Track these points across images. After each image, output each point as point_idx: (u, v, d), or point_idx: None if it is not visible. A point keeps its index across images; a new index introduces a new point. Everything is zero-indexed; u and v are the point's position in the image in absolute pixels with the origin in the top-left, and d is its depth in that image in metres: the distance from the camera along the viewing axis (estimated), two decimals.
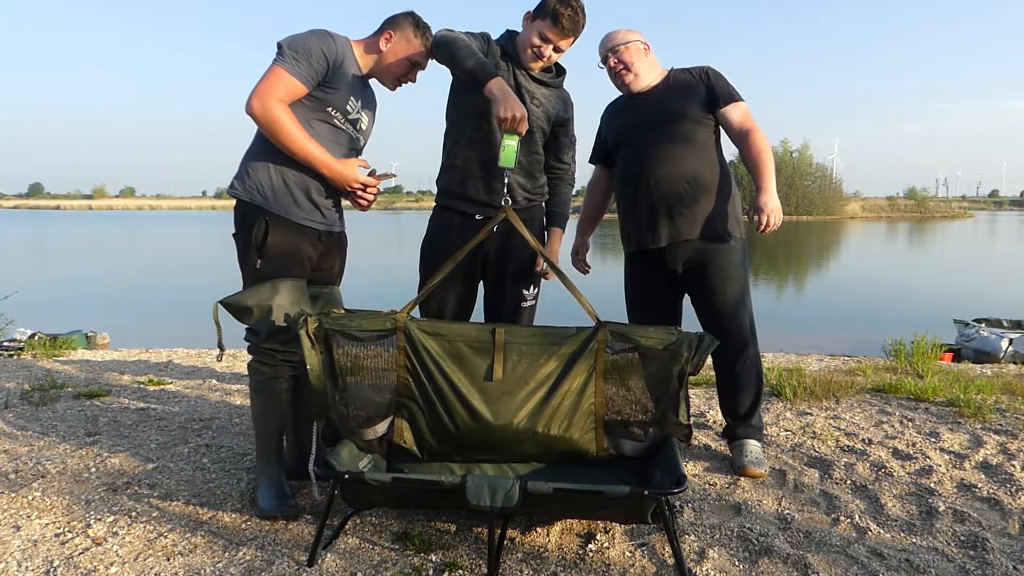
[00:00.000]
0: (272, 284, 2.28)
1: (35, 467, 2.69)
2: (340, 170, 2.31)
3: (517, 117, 2.28)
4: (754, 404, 2.85)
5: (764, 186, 2.69)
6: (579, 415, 2.23)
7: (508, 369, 2.21)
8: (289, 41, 2.24)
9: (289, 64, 2.21)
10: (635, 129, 2.83)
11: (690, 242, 2.76)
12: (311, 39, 2.25)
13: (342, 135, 2.38)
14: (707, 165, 2.77)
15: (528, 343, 2.22)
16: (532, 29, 2.55)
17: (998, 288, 14.84)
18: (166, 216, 75.38)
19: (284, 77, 2.21)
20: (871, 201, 75.96)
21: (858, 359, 5.43)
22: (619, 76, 2.81)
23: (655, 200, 2.76)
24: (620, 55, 2.79)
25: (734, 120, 2.76)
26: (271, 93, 2.19)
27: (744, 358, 2.81)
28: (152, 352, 5.69)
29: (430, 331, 2.23)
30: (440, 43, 2.41)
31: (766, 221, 2.66)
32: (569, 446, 2.24)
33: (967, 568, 2.04)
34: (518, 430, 2.21)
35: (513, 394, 2.21)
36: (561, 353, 2.22)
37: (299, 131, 2.23)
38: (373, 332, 2.22)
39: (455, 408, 2.22)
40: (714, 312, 2.79)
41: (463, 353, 2.23)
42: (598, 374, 2.22)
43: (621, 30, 2.85)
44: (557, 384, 2.21)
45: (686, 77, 2.82)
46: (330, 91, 2.30)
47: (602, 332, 2.21)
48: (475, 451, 2.31)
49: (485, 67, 2.35)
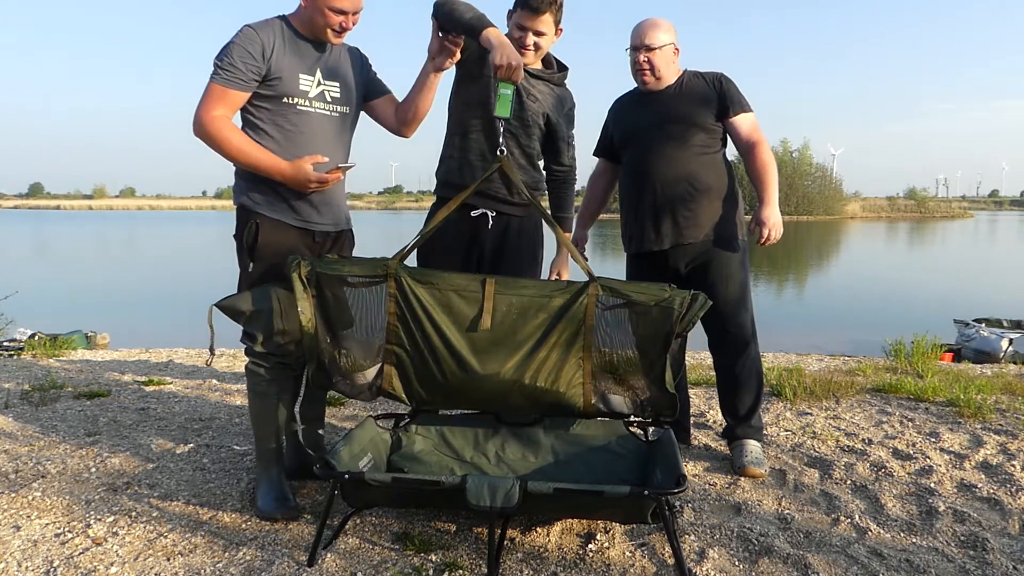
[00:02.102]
0: (268, 287, 2.27)
1: (35, 467, 2.69)
2: (292, 174, 2.23)
3: (513, 64, 2.27)
4: (754, 404, 2.85)
5: (767, 199, 2.71)
6: (567, 368, 2.23)
7: (497, 320, 2.21)
8: (219, 54, 2.25)
9: (220, 77, 2.21)
10: (643, 129, 2.83)
11: (693, 245, 2.76)
12: (235, 44, 2.24)
13: (313, 116, 2.34)
14: (712, 169, 2.77)
15: (519, 295, 2.21)
16: (512, 23, 2.58)
17: (998, 288, 14.84)
18: (166, 216, 75.38)
19: (218, 91, 2.22)
20: (871, 201, 75.93)
21: (858, 359, 5.43)
22: (642, 74, 2.79)
23: (659, 202, 2.76)
24: (652, 56, 2.75)
25: (742, 130, 2.77)
26: (207, 111, 2.20)
27: (744, 358, 2.81)
28: (152, 352, 5.69)
29: (421, 279, 2.23)
30: (439, 2, 2.38)
31: (767, 235, 2.68)
32: (556, 399, 2.24)
33: (967, 568, 2.04)
34: (505, 380, 2.21)
35: (501, 344, 2.20)
36: (551, 306, 2.20)
37: (242, 142, 2.22)
38: (364, 277, 2.22)
39: (443, 356, 2.22)
40: (715, 313, 2.78)
41: (453, 302, 2.22)
42: (587, 328, 2.21)
43: (661, 26, 2.76)
44: (545, 336, 2.20)
45: (699, 82, 2.81)
46: (274, 82, 2.27)
47: (593, 286, 2.20)
48: (462, 400, 2.32)
49: (482, 19, 2.33)
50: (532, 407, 2.31)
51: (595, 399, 2.27)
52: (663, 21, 2.79)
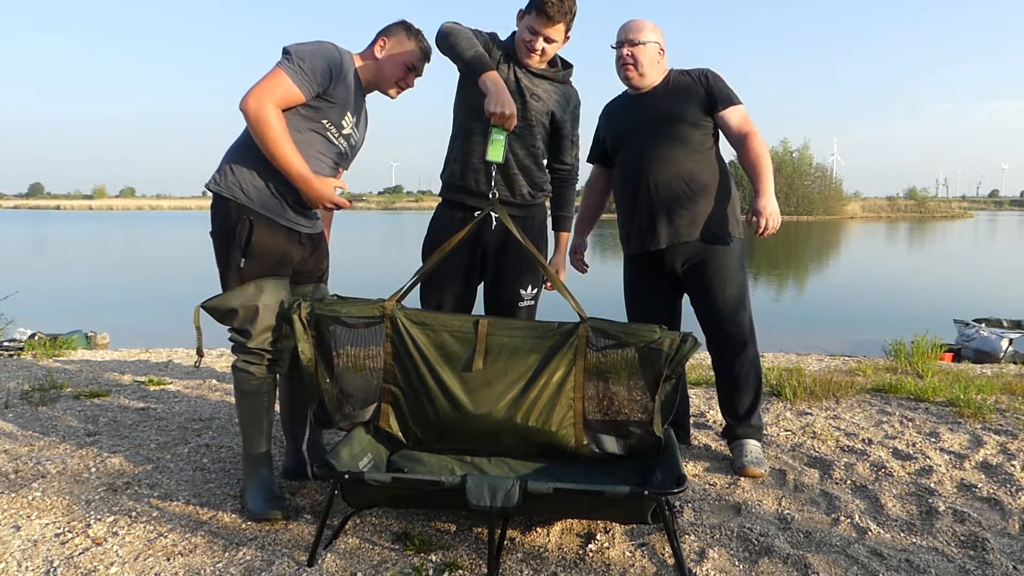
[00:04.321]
0: (256, 284, 2.25)
1: (35, 467, 2.69)
2: (317, 188, 2.25)
3: (507, 113, 2.32)
4: (754, 404, 2.85)
5: (762, 189, 2.70)
6: (558, 409, 2.23)
7: (489, 360, 2.22)
8: (297, 48, 2.23)
9: (292, 70, 2.20)
10: (634, 131, 2.83)
11: (689, 243, 2.76)
12: (319, 51, 2.24)
13: (332, 148, 2.37)
14: (705, 167, 2.77)
15: (510, 336, 2.23)
16: (523, 25, 2.57)
17: (998, 288, 14.84)
18: (166, 216, 75.37)
19: (285, 82, 2.19)
20: (871, 201, 75.94)
21: (858, 359, 5.43)
22: (625, 68, 2.79)
23: (654, 202, 2.76)
24: (635, 51, 2.75)
25: (733, 123, 2.76)
26: (267, 94, 2.17)
27: (744, 358, 2.81)
28: (152, 352, 5.69)
29: (415, 320, 2.26)
30: (444, 33, 2.46)
31: (764, 224, 2.67)
32: (548, 439, 2.24)
33: (967, 568, 2.04)
34: (497, 420, 2.22)
35: (493, 385, 2.22)
36: (542, 347, 2.22)
37: (285, 138, 2.20)
38: (361, 319, 2.25)
39: (436, 396, 2.24)
40: (713, 312, 2.79)
41: (447, 343, 2.24)
42: (578, 369, 2.22)
43: (647, 25, 2.79)
44: (536, 377, 2.21)
45: (685, 79, 2.82)
46: (329, 105, 2.30)
47: (583, 327, 2.21)
48: (456, 439, 2.33)
49: (482, 59, 2.39)
50: (524, 446, 2.33)
51: (587, 439, 2.27)
52: (649, 22, 2.82)
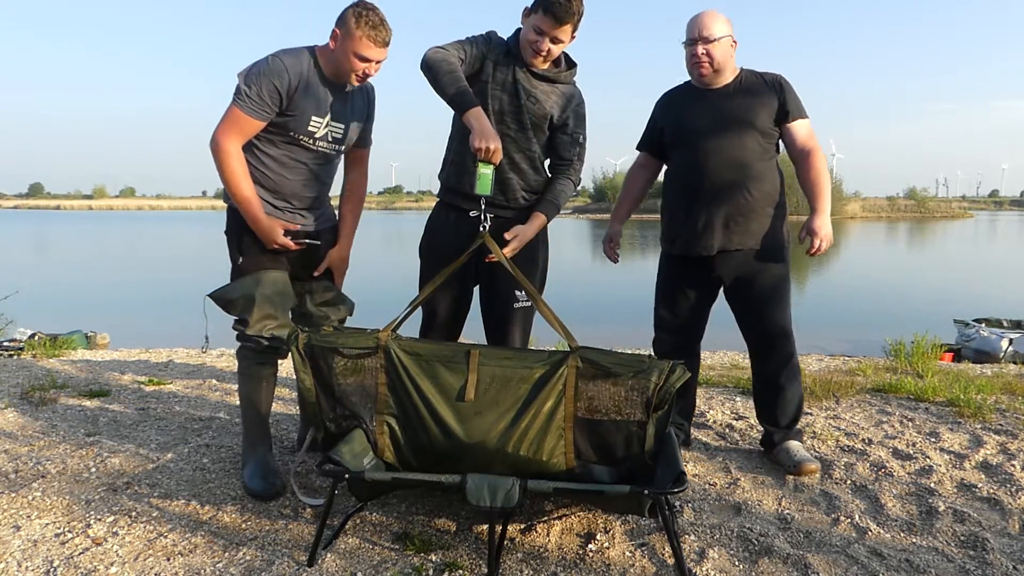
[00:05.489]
0: (255, 276, 2.47)
1: (35, 467, 2.69)
2: (265, 229, 2.43)
3: (491, 149, 2.33)
4: (797, 412, 2.83)
5: (820, 208, 2.64)
6: (549, 437, 2.23)
7: (481, 390, 2.24)
8: (245, 79, 2.33)
9: (244, 104, 2.33)
10: (698, 129, 2.71)
11: (740, 252, 2.70)
12: (263, 75, 2.32)
13: (310, 153, 2.49)
14: (768, 177, 2.69)
15: (501, 365, 2.24)
16: (528, 24, 2.53)
17: (998, 288, 14.84)
18: (166, 216, 75.38)
19: (239, 118, 2.34)
20: (871, 201, 75.87)
21: (858, 359, 5.43)
22: (699, 66, 2.66)
23: (713, 208, 2.67)
24: (711, 48, 2.63)
25: (799, 137, 2.69)
26: (226, 135, 2.34)
27: (789, 368, 2.77)
28: (152, 352, 5.69)
29: (409, 350, 2.29)
30: (425, 67, 2.45)
31: (818, 245, 2.63)
32: (539, 467, 2.25)
33: (967, 568, 2.04)
34: (489, 449, 2.23)
35: (484, 414, 2.23)
36: (532, 376, 2.23)
37: (241, 177, 2.37)
38: (356, 349, 2.29)
39: (429, 425, 2.26)
40: (762, 324, 2.75)
41: (439, 372, 2.27)
42: (568, 399, 2.22)
43: (719, 19, 2.65)
44: (527, 406, 2.22)
45: (759, 83, 2.71)
46: (289, 117, 2.40)
47: (573, 358, 2.21)
48: (449, 468, 2.33)
49: (464, 96, 2.40)
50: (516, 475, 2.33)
51: (577, 468, 2.27)
52: (720, 14, 2.68)
